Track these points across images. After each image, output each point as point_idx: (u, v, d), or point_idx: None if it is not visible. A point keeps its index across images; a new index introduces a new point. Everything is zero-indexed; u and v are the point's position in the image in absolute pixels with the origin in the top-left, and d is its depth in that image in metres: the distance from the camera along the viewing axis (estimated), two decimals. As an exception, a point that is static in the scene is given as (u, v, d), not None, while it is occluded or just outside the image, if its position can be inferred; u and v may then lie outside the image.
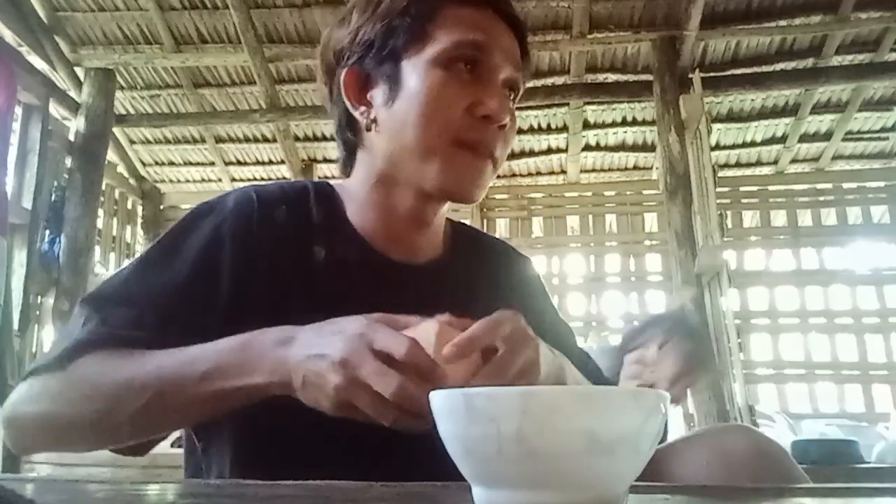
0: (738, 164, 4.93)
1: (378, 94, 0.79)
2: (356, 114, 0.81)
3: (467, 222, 4.27)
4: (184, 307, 0.73)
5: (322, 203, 0.84)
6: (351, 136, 0.85)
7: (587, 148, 4.81)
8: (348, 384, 0.57)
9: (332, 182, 0.88)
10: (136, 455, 0.74)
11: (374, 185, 0.82)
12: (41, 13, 3.84)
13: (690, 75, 3.77)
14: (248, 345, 0.64)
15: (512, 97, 0.82)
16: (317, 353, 0.59)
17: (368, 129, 0.81)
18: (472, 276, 0.88)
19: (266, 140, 4.82)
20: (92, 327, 0.71)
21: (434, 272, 0.84)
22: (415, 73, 0.76)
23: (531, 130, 4.71)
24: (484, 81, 0.77)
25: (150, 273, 0.76)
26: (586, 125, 4.62)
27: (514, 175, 5.08)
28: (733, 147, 4.79)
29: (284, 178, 5.00)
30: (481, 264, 0.91)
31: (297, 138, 4.74)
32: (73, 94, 4.06)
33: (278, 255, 0.77)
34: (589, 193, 5.07)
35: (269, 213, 0.79)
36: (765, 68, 4.05)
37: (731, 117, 4.54)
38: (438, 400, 0.45)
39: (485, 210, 4.98)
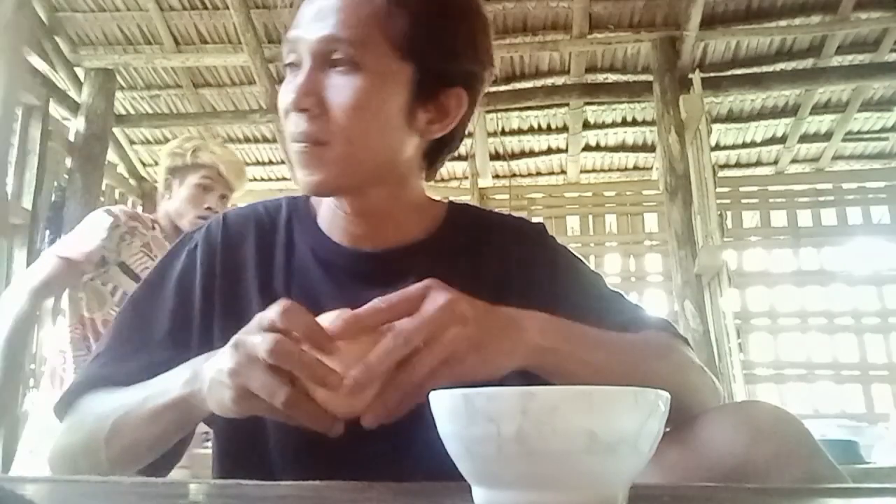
0: (738, 164, 4.94)
1: None
2: None
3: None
4: (172, 326, 0.79)
5: (290, 212, 0.86)
6: None
7: (587, 148, 4.82)
8: (239, 364, 0.57)
9: None
10: (158, 476, 0.75)
11: None
12: (41, 13, 3.84)
13: (690, 75, 3.77)
14: (182, 366, 0.68)
15: (351, 66, 0.72)
16: (222, 351, 0.61)
17: None
18: (458, 258, 0.84)
19: (266, 140, 4.82)
20: (92, 366, 0.79)
21: (404, 257, 0.82)
22: None
23: (531, 130, 4.72)
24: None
25: (143, 304, 0.83)
26: (586, 125, 4.62)
27: (514, 175, 5.08)
28: (733, 147, 4.79)
29: (284, 178, 5.02)
30: (473, 245, 0.86)
31: (297, 138, 4.73)
32: (73, 94, 4.06)
33: (237, 268, 0.82)
34: (589, 193, 5.08)
35: (232, 231, 0.84)
36: (765, 68, 4.06)
37: (731, 117, 4.54)
38: (439, 400, 0.45)
39: (485, 210, 4.98)
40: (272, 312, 0.58)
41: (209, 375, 0.61)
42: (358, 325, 0.58)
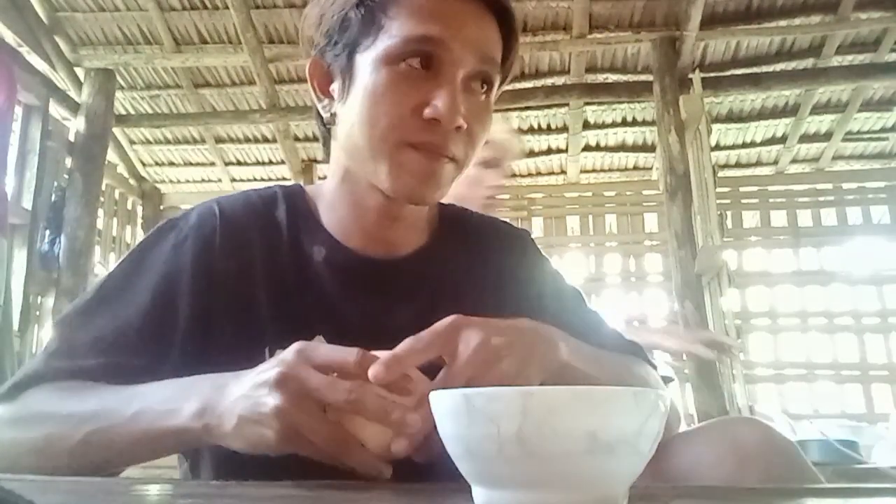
0: (738, 165, 4.94)
1: (336, 87, 0.75)
2: (319, 106, 0.78)
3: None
4: (146, 328, 0.71)
5: (290, 207, 0.80)
6: (323, 127, 0.81)
7: (587, 148, 4.82)
8: (291, 403, 0.53)
9: (305, 185, 0.86)
10: (111, 476, 0.69)
11: (341, 181, 0.79)
12: (41, 13, 3.84)
13: (690, 75, 3.77)
14: (184, 386, 0.62)
15: (485, 90, 0.74)
16: (252, 384, 0.56)
17: (330, 124, 0.78)
18: (458, 264, 0.83)
19: (266, 140, 4.82)
20: (49, 356, 0.70)
21: (414, 264, 0.81)
22: (365, 69, 0.71)
23: (531, 130, 4.71)
24: (437, 79, 0.69)
25: (112, 295, 0.74)
26: (586, 125, 4.62)
27: (514, 175, 5.08)
28: (733, 147, 4.80)
29: (284, 178, 5.01)
30: (469, 249, 0.85)
31: (296, 138, 4.74)
32: (73, 94, 4.06)
33: (242, 266, 0.75)
34: (589, 193, 5.08)
35: (232, 225, 0.77)
36: (765, 68, 4.05)
37: (731, 117, 4.54)
38: (439, 400, 0.45)
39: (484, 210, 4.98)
40: (338, 351, 0.56)
41: (237, 412, 0.56)
42: (400, 367, 0.56)
